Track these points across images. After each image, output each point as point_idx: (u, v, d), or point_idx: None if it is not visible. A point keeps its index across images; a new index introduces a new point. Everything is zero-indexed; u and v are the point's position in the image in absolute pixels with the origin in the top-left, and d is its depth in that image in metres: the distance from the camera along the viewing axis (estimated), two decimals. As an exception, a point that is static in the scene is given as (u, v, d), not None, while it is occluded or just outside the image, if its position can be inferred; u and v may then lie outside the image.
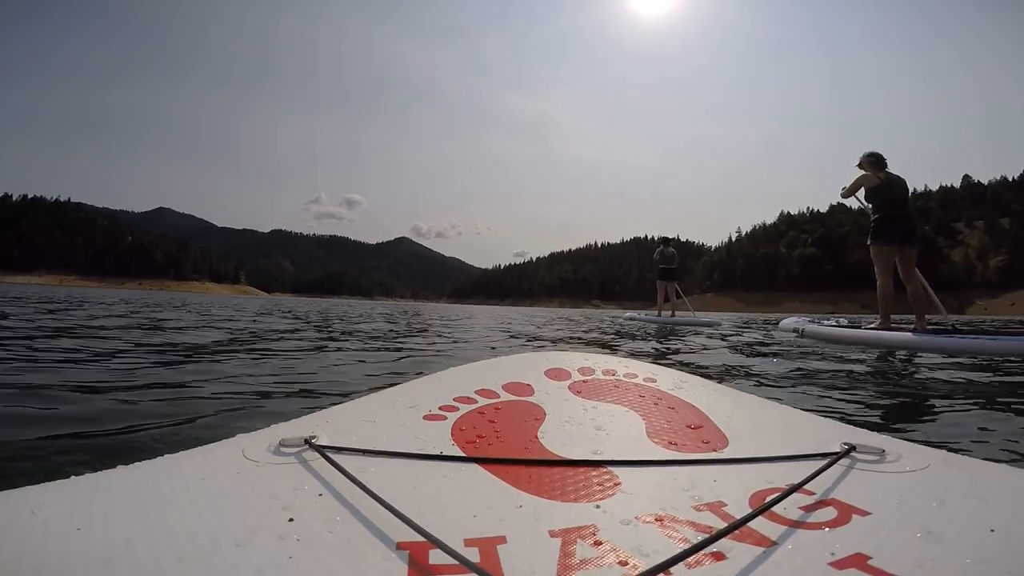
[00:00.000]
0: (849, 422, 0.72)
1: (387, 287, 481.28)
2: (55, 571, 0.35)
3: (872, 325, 4.91)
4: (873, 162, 4.87)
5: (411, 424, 0.69)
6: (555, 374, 0.92)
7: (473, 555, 0.38)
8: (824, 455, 0.55)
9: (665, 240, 10.32)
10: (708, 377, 1.04)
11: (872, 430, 0.66)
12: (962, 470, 0.52)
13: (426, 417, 0.71)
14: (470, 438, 0.64)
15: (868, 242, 4.86)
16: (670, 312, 9.74)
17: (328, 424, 0.68)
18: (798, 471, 0.50)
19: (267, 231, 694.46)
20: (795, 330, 5.88)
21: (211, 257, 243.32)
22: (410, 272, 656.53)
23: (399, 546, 0.39)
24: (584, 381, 0.89)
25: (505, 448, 0.61)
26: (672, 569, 0.35)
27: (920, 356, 3.71)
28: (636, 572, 0.35)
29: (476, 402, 0.76)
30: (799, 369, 2.83)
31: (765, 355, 3.75)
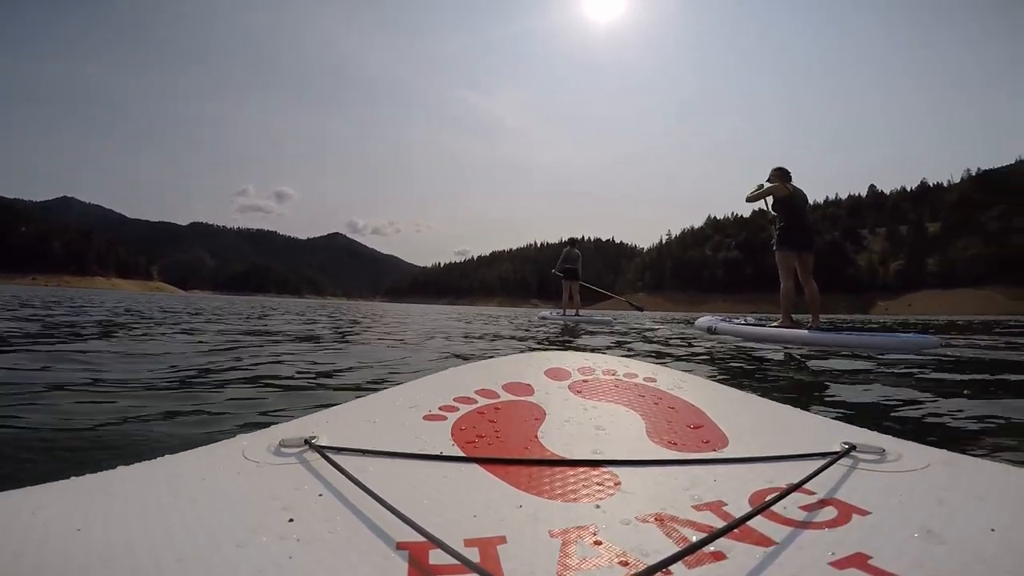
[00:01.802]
0: (849, 421, 0.73)
1: (317, 284, 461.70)
2: (55, 571, 0.35)
3: (775, 324, 5.41)
4: (781, 175, 5.36)
5: (411, 424, 0.69)
6: (555, 374, 0.92)
7: (473, 555, 0.38)
8: (824, 454, 0.55)
9: (572, 241, 10.66)
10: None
11: (872, 429, 0.67)
12: (962, 470, 0.52)
13: (426, 417, 0.71)
14: (470, 438, 0.64)
15: (773, 247, 5.37)
16: (574, 311, 10.16)
17: (328, 424, 0.68)
18: (798, 470, 0.50)
19: (186, 223, 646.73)
20: (708, 328, 6.40)
21: (119, 249, 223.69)
22: (343, 269, 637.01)
23: (399, 546, 0.39)
24: (584, 381, 0.89)
25: (505, 448, 0.61)
26: (672, 568, 0.35)
27: (847, 353, 3.94)
28: (636, 572, 0.35)
29: (476, 402, 0.76)
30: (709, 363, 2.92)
31: (678, 350, 4.00)
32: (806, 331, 4.81)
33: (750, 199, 5.55)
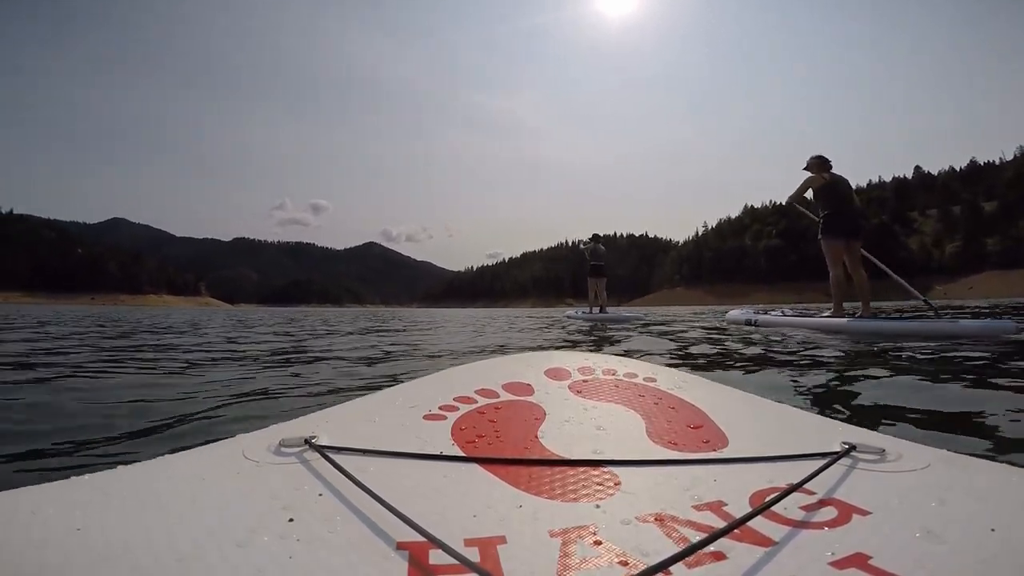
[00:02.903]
0: (849, 421, 0.73)
1: (356, 293, 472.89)
2: (55, 571, 0.35)
3: (826, 313, 5.32)
4: (819, 164, 5.26)
5: (411, 424, 0.69)
6: (555, 374, 0.92)
7: (473, 555, 0.38)
8: (824, 455, 0.55)
9: (596, 237, 10.11)
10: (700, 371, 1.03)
11: (872, 429, 0.67)
12: (962, 470, 0.52)
13: (426, 417, 0.71)
14: (470, 438, 0.64)
15: (819, 237, 5.24)
16: (600, 308, 9.78)
17: (328, 424, 0.68)
18: (798, 471, 0.50)
19: (229, 239, 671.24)
20: (746, 321, 6.22)
21: (169, 268, 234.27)
22: (380, 277, 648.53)
23: (399, 546, 0.39)
24: (584, 381, 0.89)
25: (505, 448, 0.61)
26: (672, 568, 0.35)
27: (900, 343, 3.73)
28: (636, 572, 0.35)
29: (476, 402, 0.76)
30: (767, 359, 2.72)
31: (719, 347, 3.83)
32: (856, 320, 4.70)
33: (792, 198, 5.45)
